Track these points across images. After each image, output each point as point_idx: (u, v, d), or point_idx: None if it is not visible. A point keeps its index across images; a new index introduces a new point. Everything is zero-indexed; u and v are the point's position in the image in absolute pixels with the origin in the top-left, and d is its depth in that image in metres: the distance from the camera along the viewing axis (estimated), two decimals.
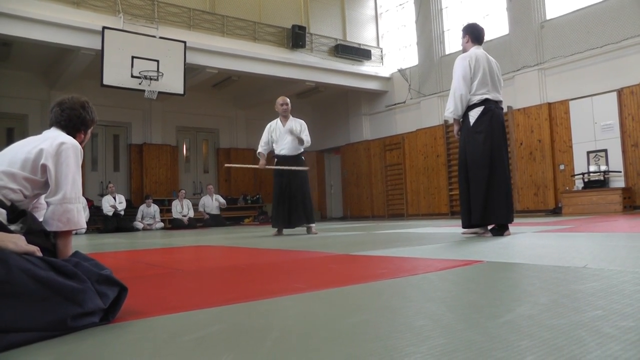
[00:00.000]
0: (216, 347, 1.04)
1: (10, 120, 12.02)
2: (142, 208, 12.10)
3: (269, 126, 6.29)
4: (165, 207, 12.75)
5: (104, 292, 1.31)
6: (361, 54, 13.70)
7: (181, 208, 12.44)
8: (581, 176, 9.61)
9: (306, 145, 6.19)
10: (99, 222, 11.42)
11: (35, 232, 1.60)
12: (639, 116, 9.19)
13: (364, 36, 14.65)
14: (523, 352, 0.89)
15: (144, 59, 9.83)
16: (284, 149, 6.15)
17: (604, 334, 0.98)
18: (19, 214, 1.62)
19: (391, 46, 14.69)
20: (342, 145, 15.46)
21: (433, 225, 7.25)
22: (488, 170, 3.94)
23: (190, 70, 10.80)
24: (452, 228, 5.75)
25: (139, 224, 11.73)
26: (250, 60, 11.48)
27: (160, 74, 9.97)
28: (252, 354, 0.98)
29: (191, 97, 12.63)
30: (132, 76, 9.75)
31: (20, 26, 8.77)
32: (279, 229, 6.14)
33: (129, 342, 1.14)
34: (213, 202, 12.79)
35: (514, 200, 4.31)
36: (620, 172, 9.33)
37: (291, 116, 6.29)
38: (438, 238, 4.18)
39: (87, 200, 11.13)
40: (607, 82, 9.56)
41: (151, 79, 9.90)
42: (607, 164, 9.49)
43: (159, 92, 10.11)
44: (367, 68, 13.85)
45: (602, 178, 9.38)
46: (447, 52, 12.76)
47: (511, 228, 4.18)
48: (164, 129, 14.00)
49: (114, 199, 11.45)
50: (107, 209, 11.25)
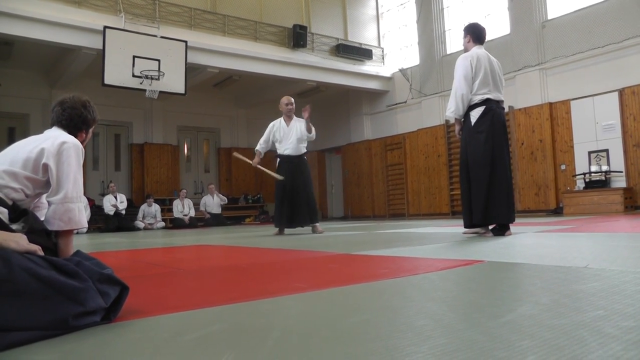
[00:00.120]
0: (217, 347, 1.05)
1: (12, 119, 12.04)
2: (143, 207, 12.11)
3: (272, 125, 6.27)
4: (166, 207, 12.78)
5: (105, 291, 1.31)
6: (362, 53, 13.69)
7: (182, 207, 12.46)
8: (582, 176, 9.60)
9: (311, 137, 6.16)
10: (100, 222, 11.44)
11: (37, 231, 1.61)
12: None
13: (365, 36, 14.65)
14: (524, 352, 0.89)
15: (145, 58, 9.84)
16: (287, 148, 6.12)
17: (606, 334, 0.98)
18: (21, 213, 1.63)
19: (392, 46, 14.68)
20: (343, 145, 15.46)
21: (434, 225, 7.24)
22: (489, 170, 3.93)
23: (191, 70, 10.80)
24: (453, 228, 5.75)
25: (140, 224, 11.74)
26: (252, 59, 11.48)
27: (162, 73, 9.98)
28: (253, 353, 0.98)
29: (192, 97, 12.64)
30: (133, 76, 9.75)
31: (22, 25, 8.78)
32: (281, 228, 6.13)
33: (130, 341, 1.14)
34: (214, 201, 12.81)
35: (515, 200, 4.30)
36: (621, 172, 9.32)
37: (295, 116, 6.28)
38: (439, 238, 4.17)
39: (89, 199, 11.13)
40: (608, 82, 9.55)
41: (152, 78, 9.90)
42: (608, 164, 9.48)
43: (160, 92, 10.12)
44: (368, 68, 13.84)
45: (603, 178, 9.37)
46: (448, 52, 12.75)
47: (512, 228, 4.17)
48: (165, 128, 14.02)
49: (115, 198, 11.46)
50: (109, 209, 11.26)
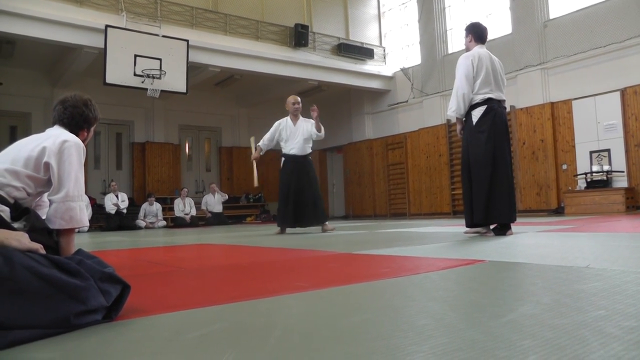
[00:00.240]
0: (218, 345, 1.05)
1: (14, 118, 12.06)
2: (145, 206, 12.13)
3: (279, 124, 6.20)
4: (167, 206, 12.80)
5: (106, 290, 1.31)
6: (364, 53, 13.68)
7: (183, 206, 12.47)
8: (584, 176, 9.59)
9: (321, 136, 6.18)
10: (101, 220, 11.45)
11: (39, 229, 1.61)
12: None
13: (367, 35, 14.64)
14: (525, 352, 0.89)
15: (147, 57, 9.84)
16: (293, 148, 6.08)
17: (607, 333, 0.98)
18: (22, 212, 1.63)
19: (394, 45, 14.67)
20: (344, 144, 15.46)
21: (435, 224, 7.24)
22: (490, 170, 3.92)
23: (192, 69, 10.81)
24: (454, 227, 5.75)
25: (141, 222, 11.76)
26: (253, 58, 11.48)
27: (163, 72, 9.98)
28: (255, 352, 0.98)
29: (194, 96, 12.64)
30: (135, 74, 9.76)
31: (24, 24, 8.79)
32: (283, 228, 6.09)
33: (131, 340, 1.14)
34: (215, 200, 12.82)
35: (516, 200, 4.29)
36: (623, 172, 9.31)
37: (301, 116, 6.26)
38: (440, 237, 4.17)
39: (90, 198, 11.16)
40: (610, 82, 9.53)
41: (154, 77, 9.91)
42: (610, 163, 9.46)
43: (161, 91, 10.12)
44: (369, 67, 13.83)
45: (604, 178, 9.35)
46: (449, 51, 12.74)
47: (513, 228, 4.17)
48: (166, 127, 14.03)
49: (117, 197, 11.47)
50: (110, 207, 11.28)
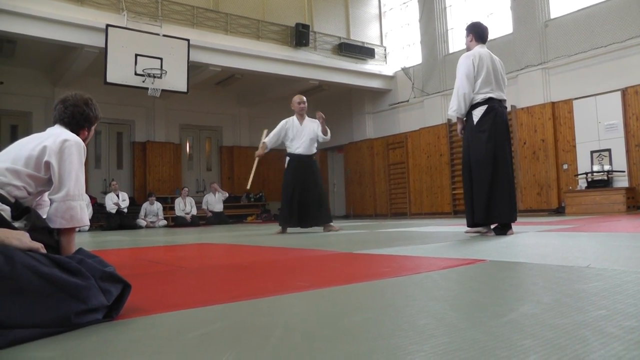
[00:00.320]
0: (219, 345, 1.05)
1: (14, 117, 12.06)
2: (145, 206, 12.13)
3: (285, 122, 6.17)
4: (168, 205, 12.80)
5: (107, 289, 1.31)
6: (365, 52, 13.67)
7: (184, 206, 12.48)
8: (584, 176, 9.58)
9: (327, 139, 6.21)
10: (102, 220, 11.45)
11: (39, 229, 1.61)
12: None
13: (368, 35, 14.63)
14: (526, 351, 0.89)
15: (148, 56, 9.84)
16: (299, 147, 6.07)
17: (608, 333, 0.98)
18: (23, 211, 1.63)
19: (395, 45, 14.66)
20: (345, 144, 15.45)
21: (436, 224, 7.24)
22: (491, 170, 3.92)
23: (193, 68, 10.80)
24: (455, 227, 5.75)
25: (142, 222, 11.76)
26: (254, 58, 11.47)
27: (164, 71, 9.98)
28: (256, 351, 0.98)
29: (194, 95, 12.64)
30: (136, 74, 9.75)
31: (25, 23, 8.79)
32: (284, 227, 6.05)
33: (132, 339, 1.14)
34: (216, 199, 12.82)
35: (517, 200, 4.29)
36: (624, 172, 9.30)
37: (306, 116, 6.25)
38: (441, 237, 4.17)
39: (91, 197, 11.16)
40: (611, 82, 9.52)
41: (155, 76, 9.91)
42: (610, 163, 9.46)
43: (162, 90, 10.12)
44: (370, 66, 13.82)
45: (605, 178, 9.35)
46: (450, 51, 12.73)
47: (514, 227, 4.17)
48: (167, 126, 14.03)
49: (117, 196, 11.48)
50: (110, 207, 11.28)
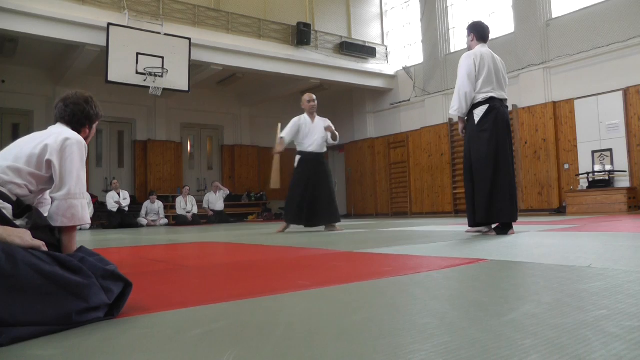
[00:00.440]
0: (221, 343, 1.05)
1: (16, 116, 12.08)
2: (146, 204, 12.14)
3: (298, 119, 6.12)
4: (169, 204, 12.81)
5: (108, 288, 1.32)
6: (366, 51, 13.66)
7: (185, 204, 12.49)
8: (586, 176, 9.57)
9: (334, 143, 6.19)
10: (103, 218, 11.46)
11: (41, 227, 1.61)
12: None
13: (369, 34, 14.62)
14: (527, 351, 0.89)
15: (149, 55, 9.85)
16: (312, 145, 6.03)
17: (609, 333, 0.98)
18: (25, 209, 1.63)
19: (396, 44, 14.66)
20: (346, 143, 15.44)
21: (437, 223, 7.24)
22: (492, 169, 3.92)
23: (195, 67, 10.81)
24: (456, 226, 5.75)
25: (143, 220, 11.77)
26: (255, 57, 11.47)
27: (165, 70, 9.99)
28: (257, 350, 0.98)
29: (196, 94, 12.65)
30: (137, 73, 9.76)
31: (26, 22, 8.80)
32: (289, 225, 6.04)
33: (133, 337, 1.14)
34: (217, 199, 12.83)
35: (518, 199, 4.29)
36: (625, 172, 9.29)
37: (316, 114, 6.24)
38: (442, 236, 4.17)
39: (92, 196, 11.17)
40: (612, 81, 9.51)
41: (156, 75, 9.91)
42: (612, 163, 9.44)
43: (163, 89, 10.12)
44: (372, 66, 13.82)
45: (606, 178, 9.34)
46: (452, 50, 12.72)
47: (515, 227, 4.17)
48: (168, 125, 14.03)
49: (118, 195, 11.49)
50: (112, 205, 11.29)
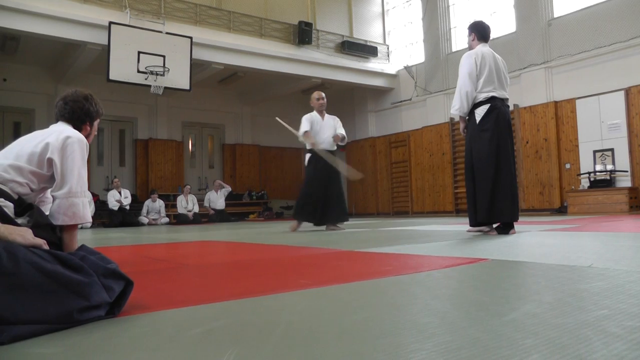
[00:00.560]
0: (222, 342, 1.05)
1: (17, 114, 12.09)
2: (148, 203, 12.15)
3: (310, 116, 6.13)
4: (170, 202, 12.81)
5: (110, 286, 1.32)
6: (367, 50, 13.66)
7: (186, 203, 12.49)
8: (587, 175, 9.56)
9: (341, 145, 6.19)
10: (104, 217, 11.47)
11: (42, 225, 1.61)
12: None
13: (371, 33, 14.61)
14: (528, 351, 0.89)
15: (150, 54, 9.85)
16: (323, 143, 6.05)
17: (610, 333, 0.98)
18: (26, 208, 1.64)
19: (398, 43, 14.64)
20: (347, 142, 15.42)
21: (438, 222, 7.23)
22: (494, 169, 3.92)
23: (196, 66, 10.81)
24: (457, 226, 5.74)
25: (144, 219, 11.78)
26: (257, 56, 11.47)
27: (167, 69, 9.99)
28: (257, 349, 0.98)
29: (197, 93, 12.65)
30: (138, 71, 9.77)
31: (28, 21, 8.81)
32: (301, 223, 6.01)
33: (134, 335, 1.14)
34: (218, 197, 12.83)
35: (519, 199, 4.28)
36: (626, 171, 9.27)
37: (325, 112, 6.23)
38: (443, 236, 4.17)
39: (93, 194, 11.18)
40: (614, 81, 9.49)
41: (157, 74, 9.91)
42: (613, 163, 9.43)
43: (164, 88, 10.13)
44: (373, 65, 13.80)
45: (608, 177, 9.32)
46: (453, 50, 12.71)
47: (516, 226, 4.16)
48: (169, 124, 14.04)
49: (120, 193, 11.50)
50: (113, 204, 11.30)
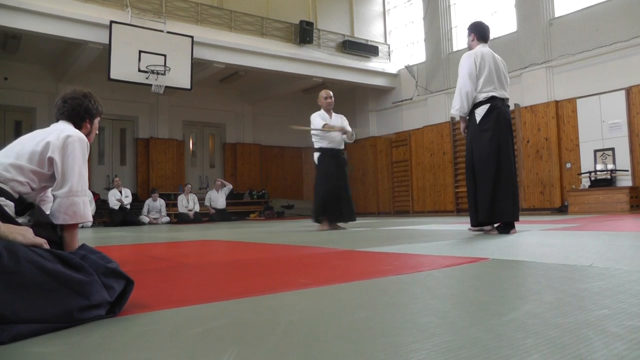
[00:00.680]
0: (222, 341, 1.05)
1: (18, 113, 12.09)
2: (148, 202, 12.15)
3: (319, 114, 6.11)
4: (171, 202, 12.81)
5: (110, 285, 1.32)
6: (369, 50, 13.65)
7: (187, 202, 12.49)
8: (588, 175, 9.55)
9: (349, 142, 6.21)
10: (105, 216, 11.48)
11: (43, 224, 1.62)
12: None
13: (372, 32, 14.61)
14: (528, 350, 0.89)
15: (152, 53, 9.85)
16: (332, 141, 6.05)
17: (610, 333, 0.98)
18: (27, 207, 1.64)
19: (399, 43, 14.64)
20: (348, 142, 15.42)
21: (439, 222, 7.23)
22: (494, 168, 3.92)
23: (197, 65, 10.81)
24: (458, 225, 5.74)
25: (145, 218, 11.79)
26: (258, 55, 11.47)
27: (168, 68, 9.99)
28: (257, 348, 0.98)
29: (198, 92, 12.65)
30: (139, 70, 9.77)
31: (29, 19, 8.81)
32: (326, 221, 5.97)
33: (135, 335, 1.14)
34: (219, 196, 12.83)
35: (520, 198, 4.28)
36: (627, 171, 9.27)
37: (332, 111, 6.22)
38: (443, 235, 4.17)
39: (94, 193, 11.18)
40: (615, 81, 9.48)
41: (158, 73, 9.91)
42: (614, 162, 9.42)
43: (166, 87, 10.13)
44: (374, 64, 13.80)
45: (609, 177, 9.32)
46: (454, 49, 12.70)
47: (517, 226, 4.16)
48: (170, 123, 14.04)
49: (120, 192, 11.50)
50: (114, 203, 11.30)
